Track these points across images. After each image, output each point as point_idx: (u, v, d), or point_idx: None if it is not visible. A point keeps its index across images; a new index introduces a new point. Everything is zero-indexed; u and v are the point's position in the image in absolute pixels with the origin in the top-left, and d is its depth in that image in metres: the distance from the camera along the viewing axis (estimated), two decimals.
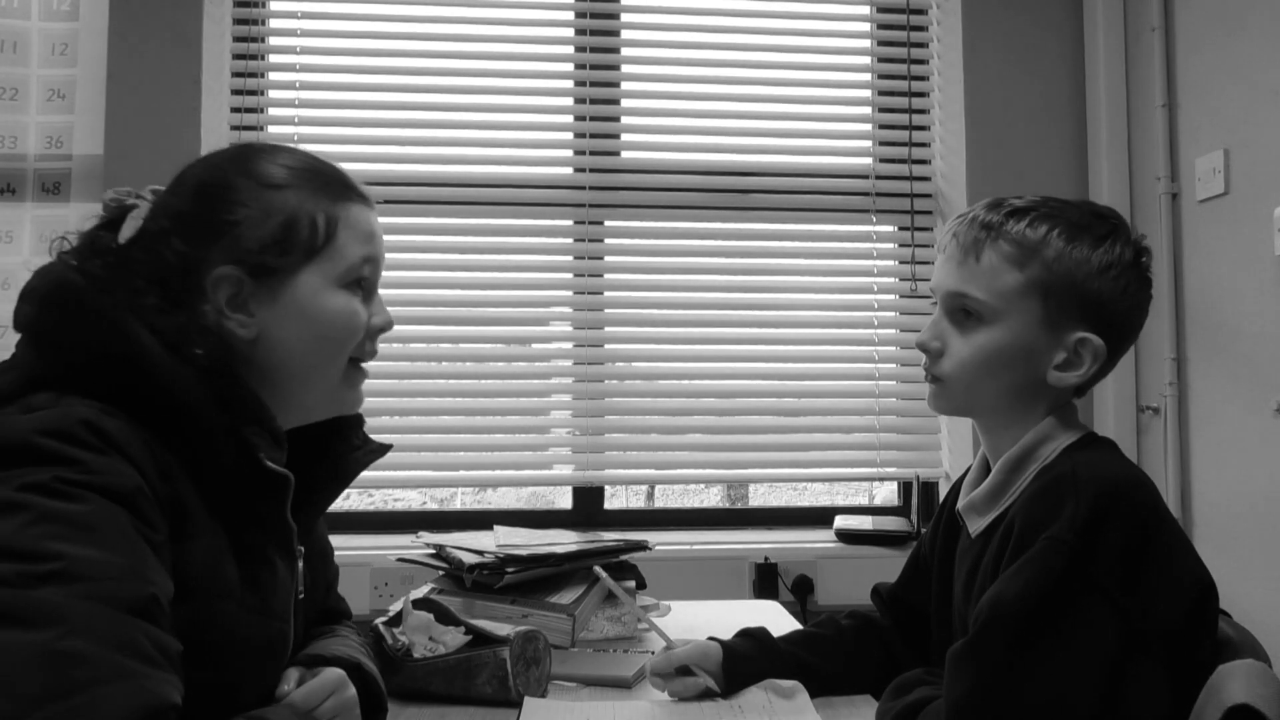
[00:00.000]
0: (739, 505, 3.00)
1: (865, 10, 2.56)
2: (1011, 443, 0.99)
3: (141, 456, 0.75)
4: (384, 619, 1.21)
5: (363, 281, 0.94)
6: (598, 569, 1.31)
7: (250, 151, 0.93)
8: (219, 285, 0.86)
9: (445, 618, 1.18)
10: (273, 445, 0.87)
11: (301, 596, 0.97)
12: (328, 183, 0.93)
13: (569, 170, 2.46)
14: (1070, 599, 0.84)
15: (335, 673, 0.94)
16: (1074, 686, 0.82)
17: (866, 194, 2.49)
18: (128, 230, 0.87)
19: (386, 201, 1.10)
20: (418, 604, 1.20)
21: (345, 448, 0.99)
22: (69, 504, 0.69)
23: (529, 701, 1.10)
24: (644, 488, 3.00)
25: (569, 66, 2.47)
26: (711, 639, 1.15)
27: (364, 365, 0.98)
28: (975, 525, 1.01)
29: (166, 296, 0.85)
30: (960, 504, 1.04)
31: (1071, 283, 0.96)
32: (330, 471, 0.97)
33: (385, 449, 1.02)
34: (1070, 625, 0.83)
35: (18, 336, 0.84)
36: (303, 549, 0.96)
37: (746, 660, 1.13)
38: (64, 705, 0.58)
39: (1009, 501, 0.97)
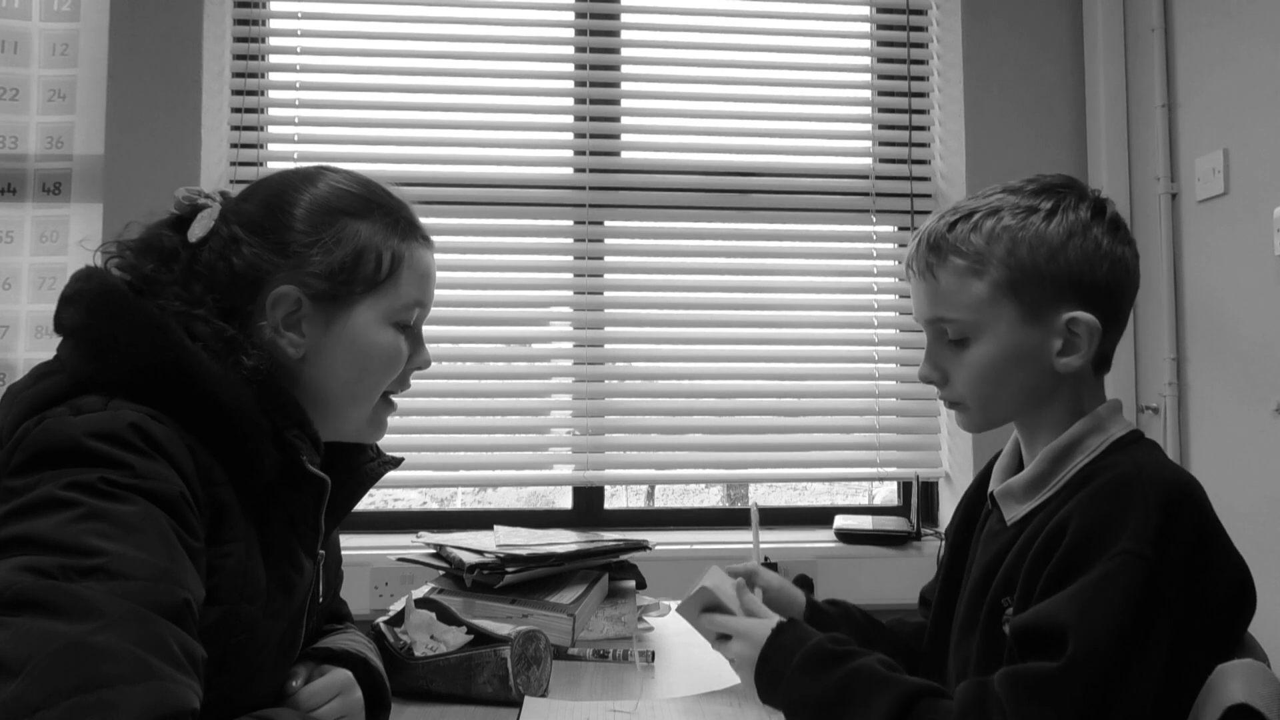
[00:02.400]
0: (739, 505, 2.99)
1: (865, 10, 2.56)
2: (1049, 433, 0.98)
3: (185, 462, 0.77)
4: (386, 618, 1.21)
5: (410, 321, 0.96)
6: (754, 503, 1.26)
7: (324, 173, 0.95)
8: (278, 302, 0.88)
9: (447, 617, 1.18)
10: (312, 449, 0.89)
11: (322, 601, 0.99)
12: (398, 220, 0.95)
13: (569, 170, 2.46)
14: (1148, 618, 0.81)
15: (343, 674, 0.95)
16: (1142, 704, 0.81)
17: (866, 194, 2.50)
18: (199, 229, 0.89)
19: None
20: (420, 603, 1.20)
21: (361, 459, 1.01)
22: (114, 504, 0.70)
23: (529, 701, 1.10)
24: (644, 488, 3.00)
25: (569, 66, 2.47)
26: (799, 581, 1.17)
27: (394, 399, 1.00)
28: (1012, 513, 0.99)
29: (223, 303, 0.86)
30: (996, 488, 1.02)
31: (1036, 270, 0.93)
32: (349, 480, 0.98)
33: (398, 461, 1.05)
34: (1147, 647, 0.81)
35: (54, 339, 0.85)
36: (323, 553, 0.98)
37: (830, 621, 1.13)
38: (89, 699, 0.59)
39: (1051, 491, 0.95)
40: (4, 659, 0.59)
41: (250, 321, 0.88)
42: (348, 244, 0.90)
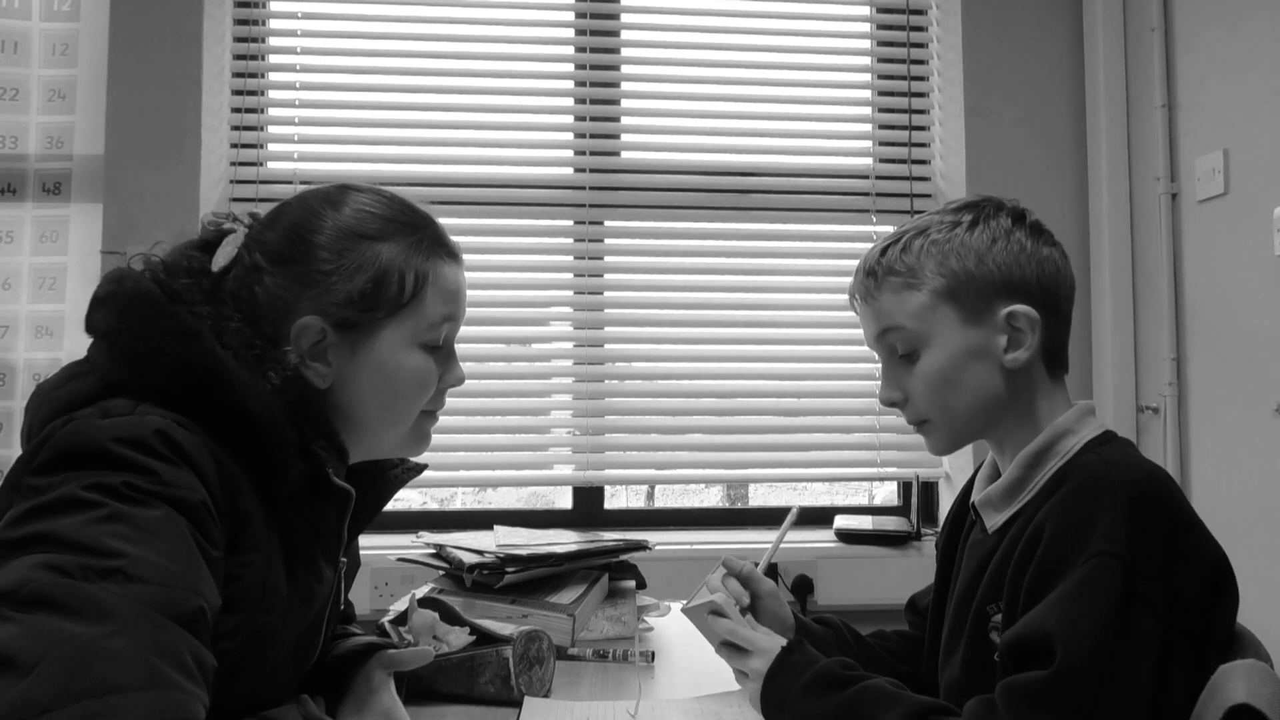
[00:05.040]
0: (739, 505, 3.00)
1: (865, 10, 2.56)
2: (1017, 439, 0.98)
3: (209, 470, 0.77)
4: (390, 617, 1.21)
5: (441, 339, 0.95)
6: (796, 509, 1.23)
7: (347, 195, 0.94)
8: (302, 334, 0.88)
9: (450, 617, 1.18)
10: (338, 461, 0.89)
11: (344, 608, 1.00)
12: (422, 238, 0.93)
13: (569, 170, 2.46)
14: (1129, 617, 0.82)
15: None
16: (1136, 703, 0.81)
17: (866, 194, 2.50)
18: (222, 258, 0.89)
19: None
20: (423, 603, 1.20)
21: (385, 465, 1.01)
22: (136, 508, 0.70)
23: (529, 701, 1.10)
24: (644, 488, 3.00)
25: (569, 66, 2.47)
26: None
27: (436, 412, 0.99)
28: (993, 521, 0.99)
29: (251, 329, 0.86)
30: (976, 498, 1.03)
31: (967, 274, 0.97)
32: (373, 488, 0.98)
33: (422, 468, 1.05)
34: (1132, 645, 0.82)
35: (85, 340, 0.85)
36: (344, 561, 0.98)
37: (819, 641, 1.11)
38: (97, 704, 0.59)
39: (1028, 496, 0.96)
40: (17, 656, 0.59)
41: (276, 347, 0.87)
42: (369, 269, 0.89)
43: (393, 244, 0.91)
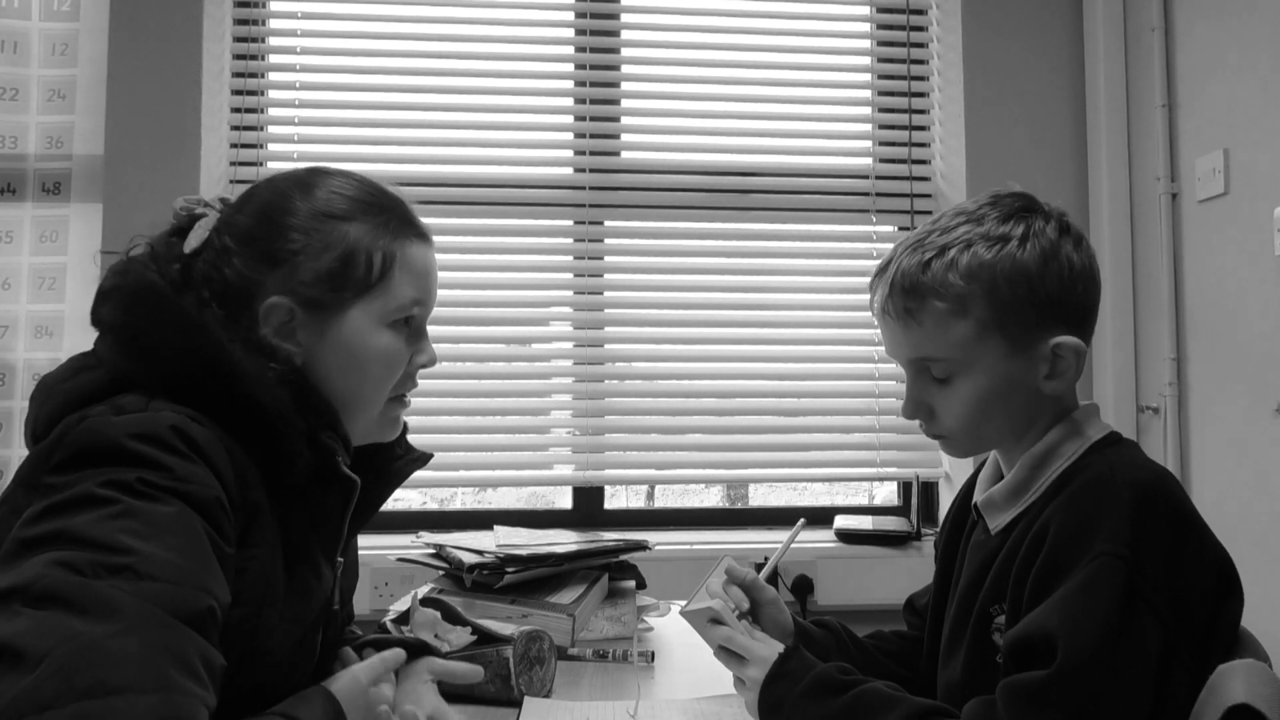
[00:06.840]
0: (739, 505, 2.99)
1: (865, 10, 2.56)
2: (1027, 442, 0.98)
3: (223, 464, 0.77)
4: (392, 617, 1.21)
5: (410, 320, 0.95)
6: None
7: (317, 177, 0.94)
8: (270, 313, 0.88)
9: (452, 616, 1.18)
10: (344, 451, 0.89)
11: (337, 608, 0.99)
12: (390, 218, 0.93)
13: (569, 170, 2.46)
14: (1132, 618, 0.82)
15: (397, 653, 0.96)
16: (1137, 704, 0.81)
17: (866, 194, 2.50)
18: (194, 240, 0.89)
19: None
20: (425, 602, 1.20)
21: (389, 456, 1.01)
22: (150, 504, 0.70)
23: (529, 701, 1.10)
24: (644, 488, 3.00)
25: (569, 66, 2.47)
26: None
27: (406, 397, 0.99)
28: (996, 521, 0.99)
29: (225, 312, 0.86)
30: (979, 499, 1.02)
31: (1018, 300, 0.93)
32: (376, 482, 0.98)
33: (427, 457, 1.04)
34: (1134, 646, 0.81)
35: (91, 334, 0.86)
36: (342, 560, 0.98)
37: (818, 646, 1.10)
38: (98, 704, 0.59)
39: (1032, 498, 0.96)
40: (24, 650, 0.60)
41: (251, 331, 0.87)
42: (336, 247, 0.89)
43: (360, 224, 0.91)
